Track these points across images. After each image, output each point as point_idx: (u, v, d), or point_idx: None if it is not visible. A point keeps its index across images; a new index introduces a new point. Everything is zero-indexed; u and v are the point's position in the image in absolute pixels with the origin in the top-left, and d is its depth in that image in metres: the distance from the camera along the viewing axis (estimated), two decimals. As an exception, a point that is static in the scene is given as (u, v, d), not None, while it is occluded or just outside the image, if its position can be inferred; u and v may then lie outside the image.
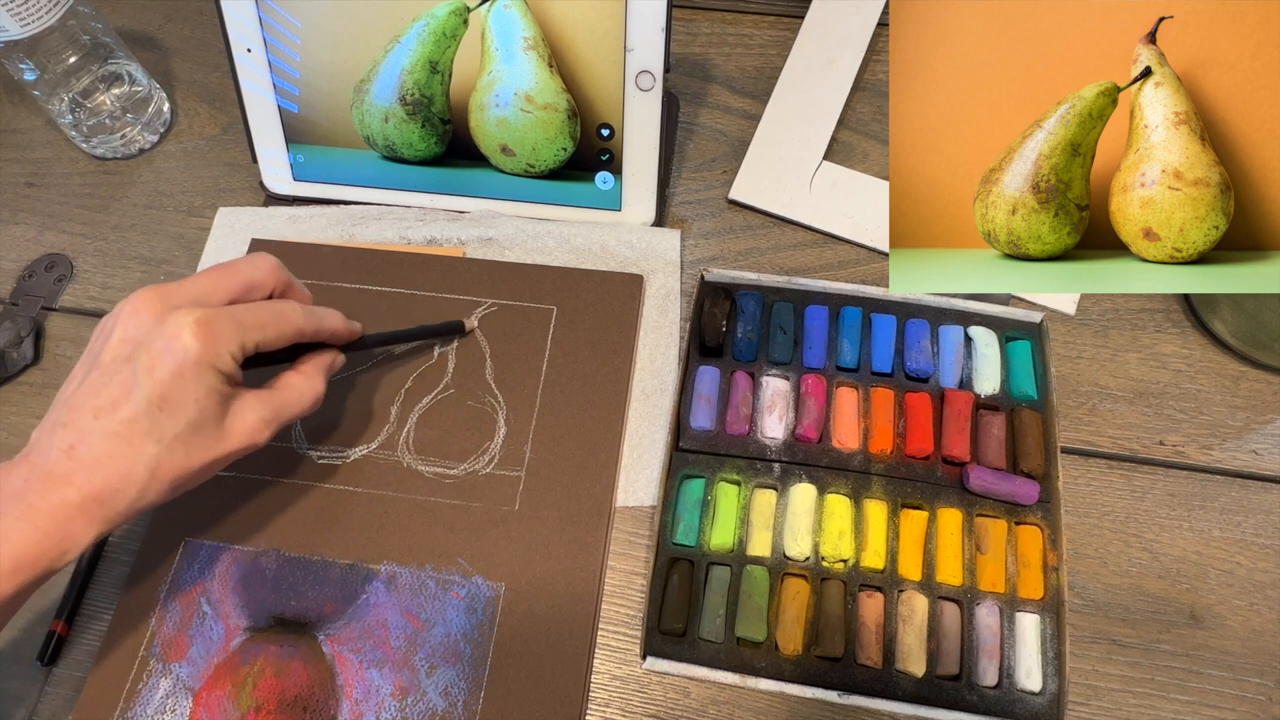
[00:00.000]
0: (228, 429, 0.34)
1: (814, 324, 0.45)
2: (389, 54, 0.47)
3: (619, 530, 0.42)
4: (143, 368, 0.32)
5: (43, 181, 0.54)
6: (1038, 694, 0.37)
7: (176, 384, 0.32)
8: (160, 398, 0.32)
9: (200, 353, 0.32)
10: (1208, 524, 0.41)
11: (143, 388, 0.32)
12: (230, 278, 0.36)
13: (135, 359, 0.32)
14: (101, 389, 0.32)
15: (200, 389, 0.33)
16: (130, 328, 0.33)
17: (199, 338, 0.32)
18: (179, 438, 0.33)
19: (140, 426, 0.32)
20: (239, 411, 0.35)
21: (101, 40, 0.50)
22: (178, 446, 0.33)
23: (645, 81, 0.45)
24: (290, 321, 0.36)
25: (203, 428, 0.33)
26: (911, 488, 0.41)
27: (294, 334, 0.37)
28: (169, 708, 0.38)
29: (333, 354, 0.40)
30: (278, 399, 0.36)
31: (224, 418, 0.34)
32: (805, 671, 0.37)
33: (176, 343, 0.32)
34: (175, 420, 0.32)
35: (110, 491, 0.32)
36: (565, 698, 0.37)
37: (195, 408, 0.33)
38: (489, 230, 0.49)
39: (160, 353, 0.32)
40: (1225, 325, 0.44)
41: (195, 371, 0.32)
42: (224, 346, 0.33)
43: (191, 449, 0.33)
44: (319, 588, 0.40)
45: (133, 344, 0.33)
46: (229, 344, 0.33)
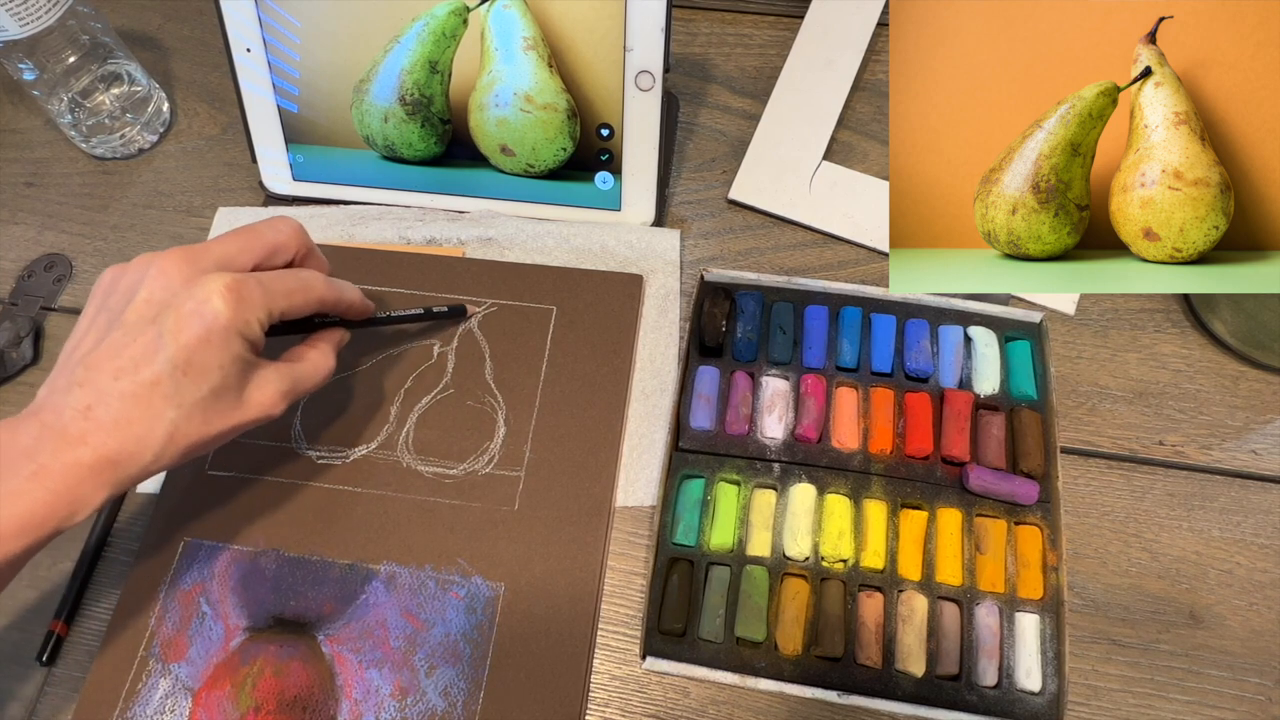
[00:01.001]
0: (247, 398, 0.34)
1: (814, 324, 0.45)
2: (388, 54, 0.47)
3: (618, 530, 0.42)
4: (169, 330, 0.32)
5: (42, 181, 0.54)
6: (1037, 694, 0.37)
7: (203, 349, 0.32)
8: (185, 362, 0.32)
9: (230, 318, 0.32)
10: (1207, 524, 0.41)
11: (168, 350, 0.31)
12: (256, 241, 0.36)
13: (161, 320, 0.32)
14: (123, 349, 0.32)
15: (226, 355, 0.32)
16: (157, 289, 0.33)
17: (229, 303, 0.32)
18: (199, 404, 0.32)
19: (162, 390, 0.31)
20: (259, 382, 0.34)
21: (101, 40, 0.50)
22: (197, 413, 0.32)
23: (645, 81, 0.45)
24: (314, 290, 0.36)
25: (224, 395, 0.33)
26: (911, 488, 0.41)
27: (317, 304, 0.37)
28: (168, 708, 0.38)
29: (342, 331, 0.40)
30: (295, 371, 0.36)
31: (244, 387, 0.34)
32: (805, 671, 0.37)
33: (206, 306, 0.32)
34: (198, 386, 0.32)
35: (125, 455, 0.31)
36: (565, 698, 0.37)
37: (219, 374, 0.32)
38: (489, 230, 0.49)
39: (188, 315, 0.32)
40: (1225, 325, 0.44)
41: (223, 337, 0.32)
42: (253, 313, 0.33)
43: (211, 416, 0.33)
44: (318, 588, 0.40)
45: (159, 305, 0.32)
46: (257, 311, 0.33)
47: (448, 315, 0.45)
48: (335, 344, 0.39)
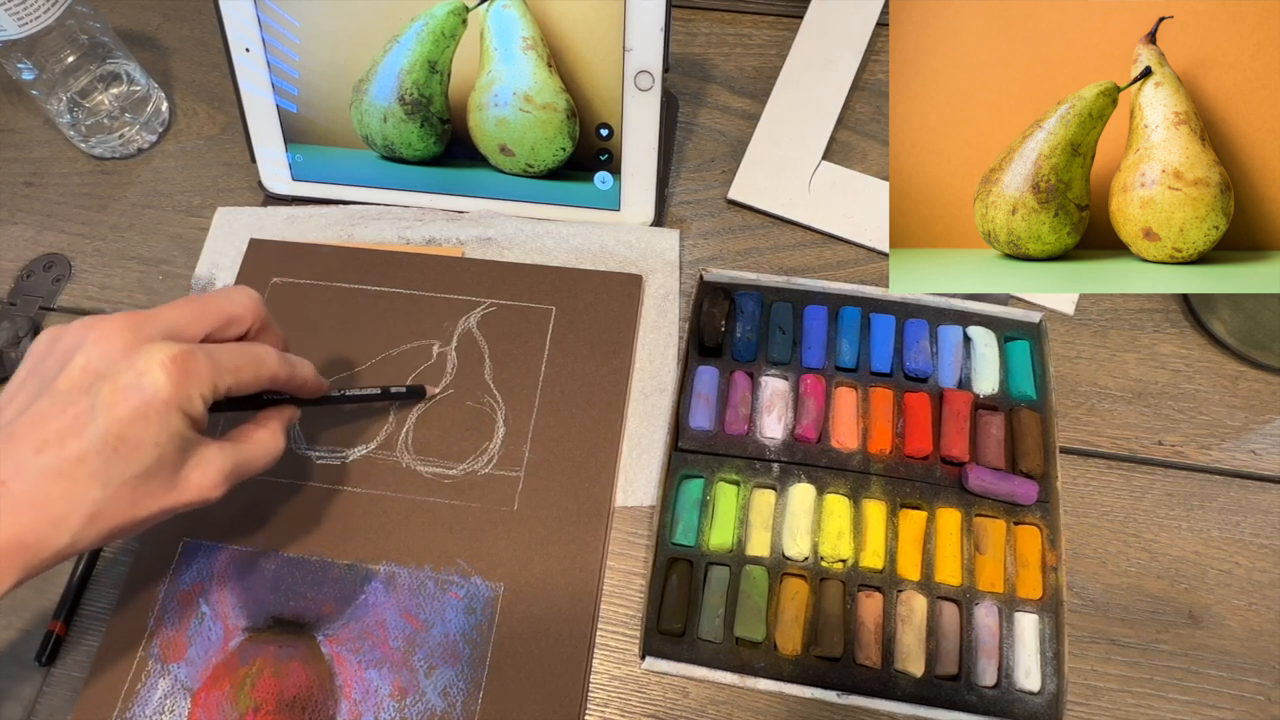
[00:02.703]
0: (184, 479, 0.31)
1: (813, 324, 0.45)
2: (388, 54, 0.46)
3: (618, 530, 0.42)
4: (103, 402, 0.29)
5: (41, 181, 0.54)
6: (1036, 694, 0.37)
7: (138, 424, 0.29)
8: (118, 438, 0.29)
9: (171, 393, 0.30)
10: (1206, 524, 0.41)
11: (99, 424, 0.29)
12: (209, 311, 0.33)
13: (96, 391, 0.29)
14: (49, 420, 0.29)
15: (164, 432, 0.30)
16: (94, 357, 0.30)
17: (172, 376, 0.30)
18: (128, 483, 0.30)
19: (88, 467, 0.29)
20: (198, 462, 0.32)
21: (100, 40, 0.50)
22: (125, 493, 0.30)
23: (644, 81, 0.45)
24: (266, 366, 0.34)
25: (157, 475, 0.30)
26: (910, 488, 0.41)
27: (268, 380, 0.34)
28: (168, 708, 0.38)
29: (294, 410, 0.38)
30: (240, 452, 0.34)
31: (181, 466, 0.31)
32: (804, 671, 0.37)
33: (146, 379, 0.29)
34: (129, 464, 0.29)
35: (38, 537, 0.29)
36: (564, 698, 0.37)
37: (154, 452, 0.30)
38: (488, 230, 0.49)
39: (125, 388, 0.29)
40: (1224, 325, 0.44)
41: (161, 412, 0.30)
42: (197, 389, 0.30)
43: (140, 497, 0.30)
44: (318, 588, 0.40)
45: (94, 374, 0.30)
46: (202, 386, 0.31)
47: (406, 396, 0.43)
48: (285, 423, 0.37)
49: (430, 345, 0.46)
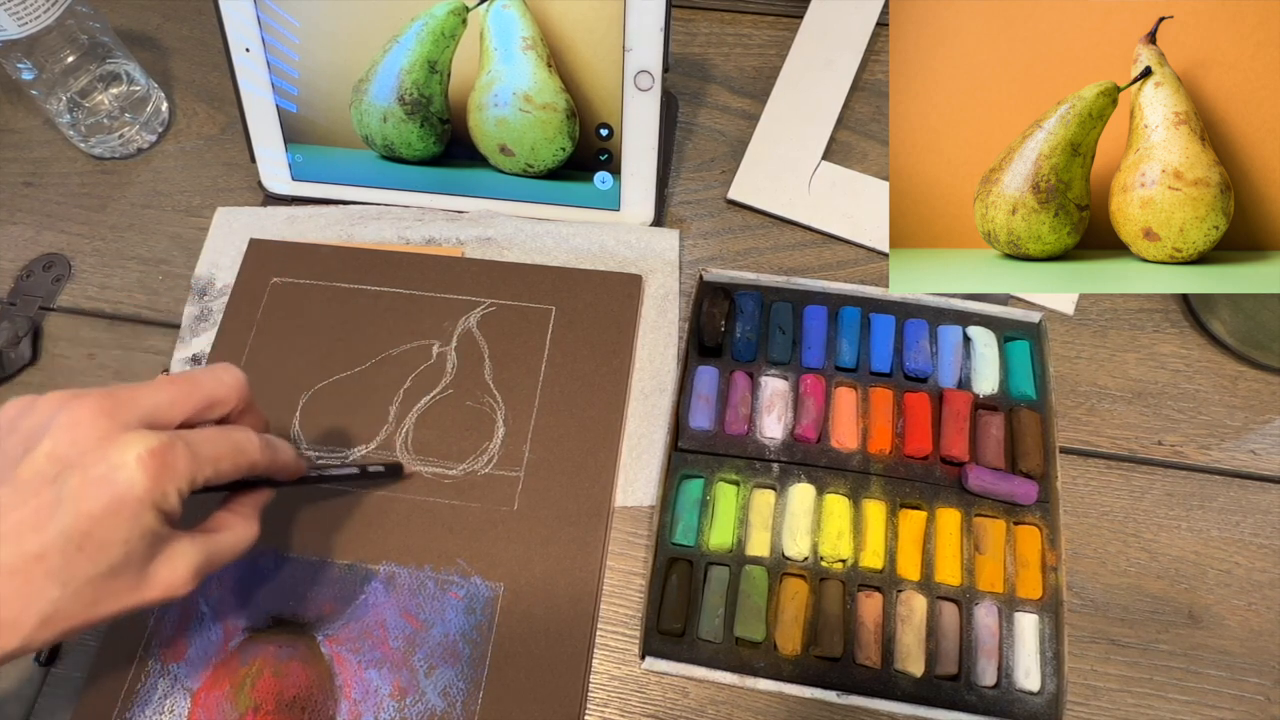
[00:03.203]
0: (151, 576, 0.29)
1: (813, 324, 0.45)
2: (388, 54, 0.46)
3: (618, 530, 0.42)
4: (69, 495, 0.26)
5: (41, 181, 0.54)
6: (1036, 694, 0.37)
7: (108, 521, 0.27)
8: (83, 534, 0.27)
9: (146, 489, 0.27)
10: (1206, 524, 0.41)
11: (64, 519, 0.26)
12: (191, 394, 0.31)
13: (62, 481, 0.27)
14: (7, 512, 0.27)
15: (134, 530, 0.27)
16: (64, 442, 0.27)
17: (149, 471, 0.27)
18: (91, 582, 0.27)
19: (48, 565, 0.26)
20: (168, 557, 0.29)
21: (100, 40, 0.50)
22: (86, 592, 0.27)
23: (644, 81, 0.45)
24: (246, 455, 0.31)
25: (123, 574, 0.28)
26: (910, 488, 0.41)
27: (247, 469, 0.32)
28: (167, 708, 0.38)
29: (269, 492, 0.35)
30: (213, 544, 0.31)
31: (149, 563, 0.29)
32: (804, 671, 0.37)
33: (120, 474, 0.27)
34: (94, 563, 0.27)
35: None
36: (564, 698, 0.37)
37: (121, 550, 0.27)
38: (487, 230, 0.49)
39: (96, 481, 0.27)
40: (1224, 325, 0.44)
41: (134, 510, 0.27)
42: (174, 484, 0.28)
43: (102, 596, 0.28)
44: (317, 588, 0.40)
45: (63, 464, 0.27)
46: (179, 480, 0.28)
47: (384, 475, 0.41)
48: (260, 507, 0.34)
49: (430, 345, 0.46)
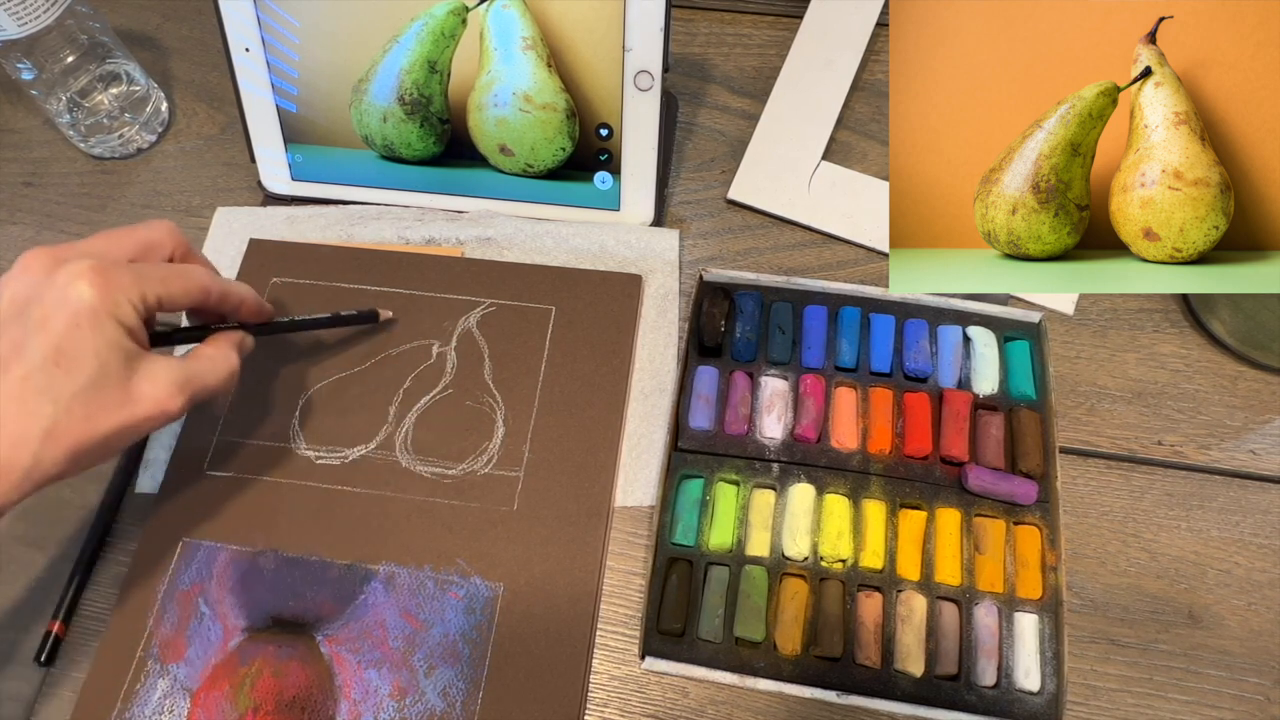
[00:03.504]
0: (135, 391, 0.31)
1: (812, 324, 0.45)
2: (387, 54, 0.46)
3: (618, 530, 0.42)
4: (35, 322, 0.30)
5: (40, 181, 0.54)
6: (1036, 694, 0.37)
7: (73, 335, 0.30)
8: (55, 350, 0.30)
9: (97, 300, 0.30)
10: (1206, 524, 0.41)
11: (36, 342, 0.30)
12: (126, 237, 0.34)
13: (27, 314, 0.30)
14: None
15: (100, 340, 0.30)
16: (19, 288, 0.31)
17: (94, 284, 0.30)
18: (78, 396, 0.30)
19: (34, 384, 0.29)
20: (147, 373, 0.32)
21: (99, 39, 0.50)
22: (77, 407, 0.30)
23: (644, 81, 0.45)
24: (194, 279, 0.34)
25: (105, 387, 0.31)
26: (910, 488, 0.41)
27: (200, 291, 0.34)
28: (167, 708, 0.38)
29: (243, 334, 0.38)
30: (191, 366, 0.34)
31: (130, 378, 0.31)
32: (804, 671, 0.37)
33: (70, 290, 0.30)
34: (73, 377, 0.30)
35: (2, 461, 0.29)
36: (564, 698, 0.37)
37: (95, 361, 0.30)
38: (487, 230, 0.49)
39: (54, 304, 0.30)
40: (1223, 325, 0.44)
41: (92, 321, 0.30)
42: (123, 294, 0.31)
43: (93, 411, 0.30)
44: (317, 588, 0.40)
45: (23, 302, 0.31)
46: (129, 292, 0.31)
47: (357, 319, 0.44)
48: (235, 344, 0.37)
49: (430, 345, 0.46)
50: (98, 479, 0.43)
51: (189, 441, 0.43)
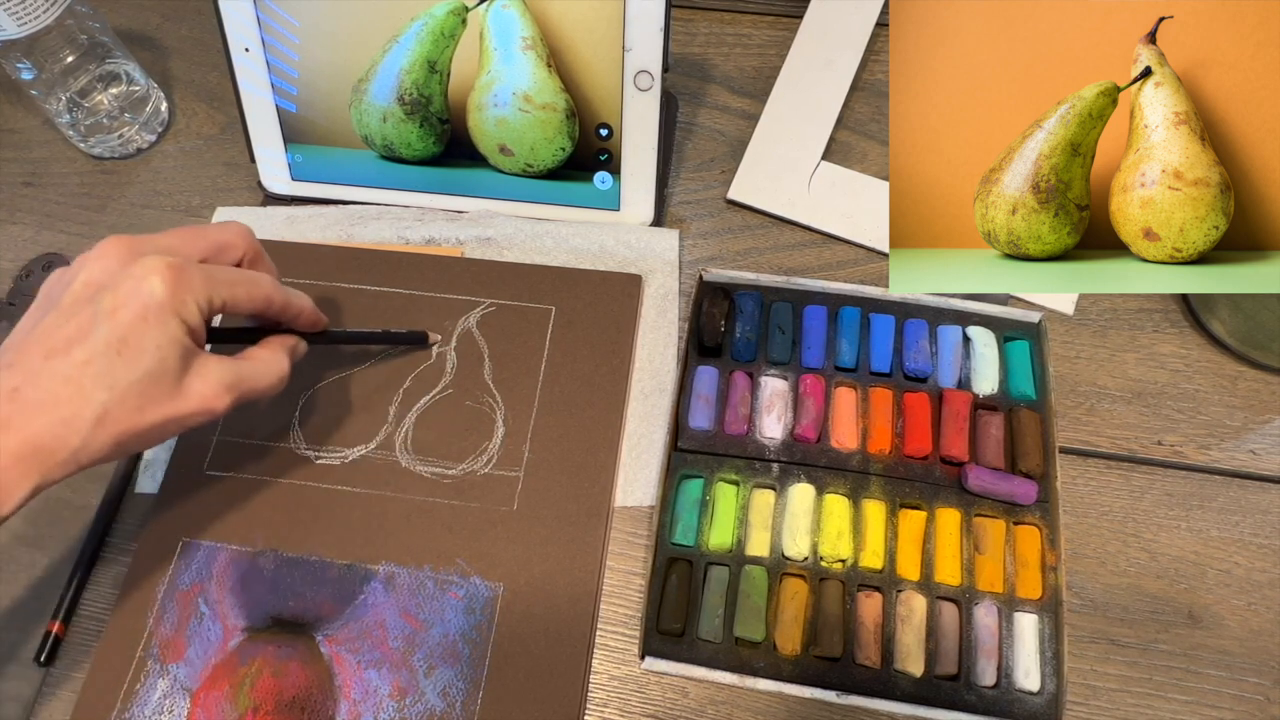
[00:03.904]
0: (186, 388, 0.32)
1: (812, 324, 0.45)
2: (387, 54, 0.46)
3: (617, 530, 0.42)
4: (104, 309, 0.31)
5: (40, 181, 0.54)
6: (1036, 694, 0.37)
7: (139, 327, 0.31)
8: (120, 340, 0.30)
9: (167, 297, 0.31)
10: (1206, 524, 0.41)
11: (102, 329, 0.30)
12: (202, 237, 0.35)
13: (98, 300, 0.31)
14: (56, 330, 0.31)
15: (163, 336, 0.31)
16: (95, 272, 0.32)
17: (167, 281, 0.31)
18: (133, 387, 0.31)
19: (94, 369, 0.30)
20: (200, 371, 0.33)
21: (99, 39, 0.50)
22: (131, 397, 0.31)
23: (644, 81, 0.45)
24: (260, 287, 0.35)
25: (160, 380, 0.31)
26: (910, 488, 0.41)
27: (263, 300, 0.35)
28: (167, 708, 0.38)
29: (296, 339, 0.39)
30: (242, 367, 0.35)
31: (184, 375, 0.32)
32: (804, 671, 0.37)
33: (144, 284, 0.31)
34: (132, 367, 0.31)
35: (51, 438, 0.30)
36: (564, 698, 0.37)
37: (155, 355, 0.31)
38: (487, 230, 0.49)
39: (126, 294, 0.31)
40: (1223, 325, 0.44)
41: (159, 317, 0.31)
42: (192, 295, 0.32)
43: (145, 402, 0.31)
44: (317, 588, 0.40)
45: (96, 287, 0.32)
46: (197, 294, 0.32)
47: (406, 339, 0.45)
48: (288, 349, 0.38)
49: (428, 345, 0.46)
50: (98, 479, 0.43)
51: (189, 441, 0.43)
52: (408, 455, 0.43)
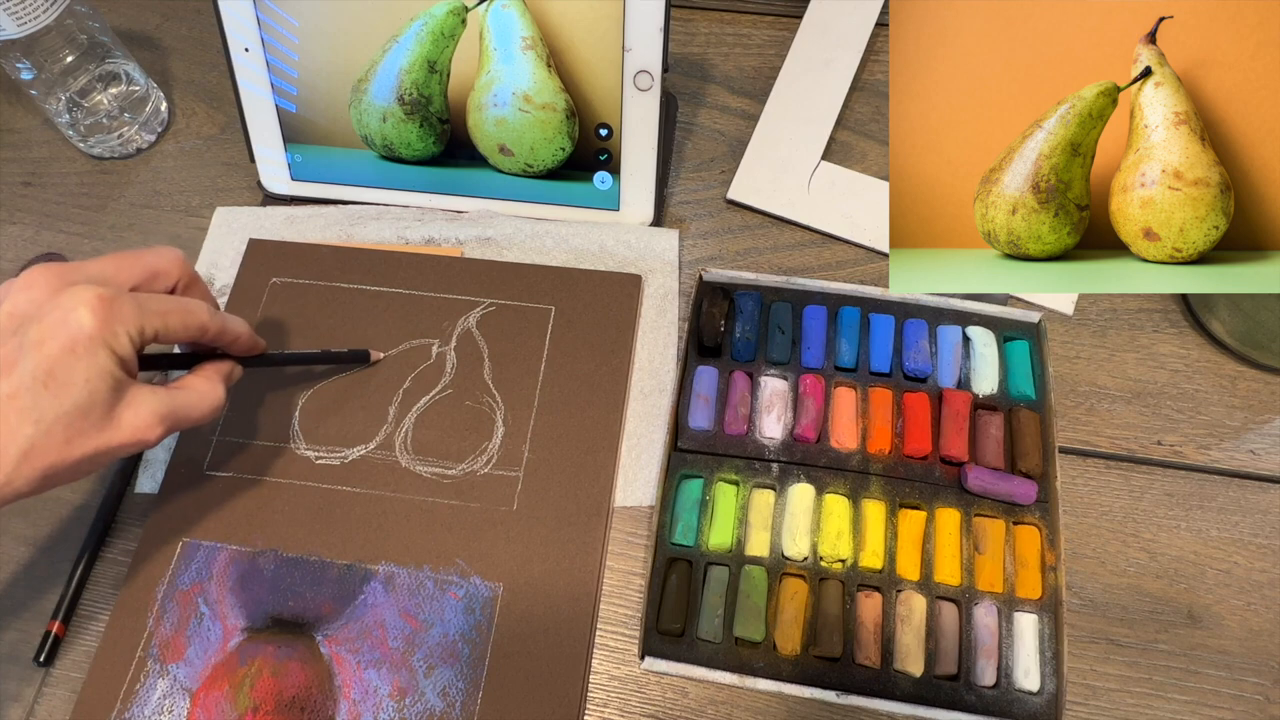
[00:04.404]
0: (117, 419, 0.32)
1: (812, 324, 0.45)
2: (387, 54, 0.46)
3: (617, 530, 0.42)
4: (31, 341, 0.30)
5: (39, 181, 0.54)
6: (1036, 694, 0.37)
7: (66, 360, 0.30)
8: (46, 373, 0.30)
9: (96, 329, 0.30)
10: (1205, 524, 0.41)
11: (28, 362, 0.30)
12: (133, 264, 0.34)
13: (24, 332, 0.30)
14: None
15: (92, 368, 0.30)
16: (21, 302, 0.31)
17: (96, 313, 0.30)
18: (60, 420, 0.30)
19: (19, 403, 0.29)
20: (132, 403, 0.32)
21: (99, 39, 0.50)
22: (58, 430, 0.30)
23: (643, 81, 0.45)
24: (194, 315, 0.34)
25: (90, 413, 0.31)
26: (910, 488, 0.41)
27: (197, 329, 0.35)
28: (166, 708, 0.38)
29: (231, 363, 0.38)
30: (175, 398, 0.34)
31: (114, 406, 0.32)
32: (803, 671, 0.37)
33: (71, 315, 0.30)
34: (59, 401, 0.30)
35: None
36: (563, 698, 0.37)
37: (84, 389, 0.30)
38: (487, 230, 0.49)
39: (52, 326, 0.30)
40: (1223, 325, 0.44)
41: (88, 348, 0.30)
42: (122, 326, 0.31)
43: (73, 435, 0.31)
44: (317, 588, 0.40)
45: (20, 319, 0.31)
46: (128, 324, 0.31)
47: (347, 358, 0.44)
48: (223, 376, 0.37)
49: (429, 345, 0.46)
50: (98, 479, 0.43)
51: (189, 441, 0.43)
52: (407, 455, 0.43)
